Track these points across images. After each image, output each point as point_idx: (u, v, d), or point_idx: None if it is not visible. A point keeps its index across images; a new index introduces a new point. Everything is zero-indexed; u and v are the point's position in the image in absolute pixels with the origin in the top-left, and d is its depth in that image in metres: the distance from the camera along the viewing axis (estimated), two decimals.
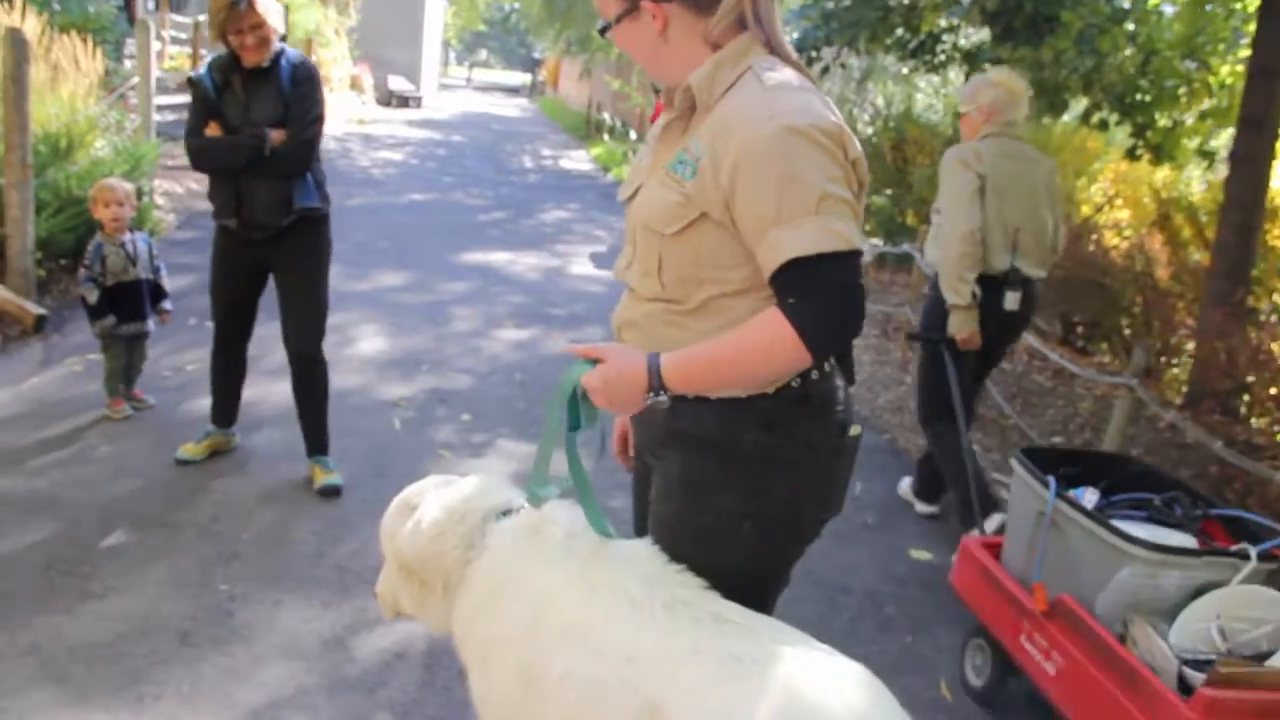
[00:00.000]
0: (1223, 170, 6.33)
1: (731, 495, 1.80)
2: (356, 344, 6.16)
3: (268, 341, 4.60)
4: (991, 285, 3.95)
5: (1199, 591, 2.59)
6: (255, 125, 3.79)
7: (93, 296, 4.52)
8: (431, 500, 2.11)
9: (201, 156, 3.89)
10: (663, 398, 1.70)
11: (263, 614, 3.25)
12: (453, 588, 2.06)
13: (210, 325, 4.28)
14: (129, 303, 4.64)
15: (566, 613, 1.81)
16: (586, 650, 1.75)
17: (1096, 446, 5.33)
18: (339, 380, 5.55)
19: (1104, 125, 7.33)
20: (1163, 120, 7.08)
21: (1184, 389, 5.85)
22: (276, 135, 3.80)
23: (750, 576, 1.87)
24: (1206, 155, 7.04)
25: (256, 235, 3.93)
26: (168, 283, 4.81)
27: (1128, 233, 8.05)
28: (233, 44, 3.73)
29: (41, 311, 5.70)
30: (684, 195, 1.71)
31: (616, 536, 1.92)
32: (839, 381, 1.85)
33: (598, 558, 1.87)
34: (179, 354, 5.56)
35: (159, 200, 9.07)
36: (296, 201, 3.86)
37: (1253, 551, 2.64)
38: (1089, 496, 2.95)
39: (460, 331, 6.81)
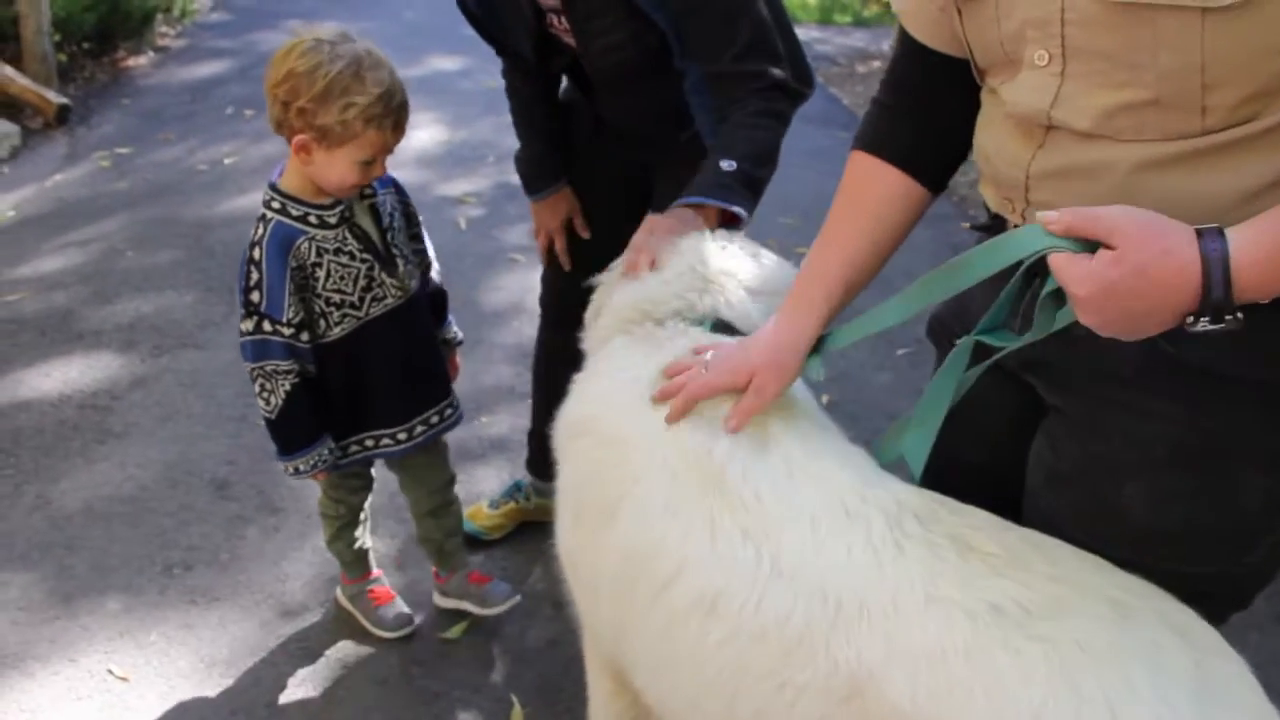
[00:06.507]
0: None
1: (1277, 473, 1.06)
2: (411, 134, 5.42)
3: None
4: None
5: None
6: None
7: (274, 393, 1.80)
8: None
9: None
10: (1225, 320, 0.90)
11: None
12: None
13: None
14: (387, 369, 1.94)
15: (730, 488, 1.17)
16: (757, 559, 1.13)
17: None
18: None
19: None
20: None
21: None
22: None
23: (1243, 586, 1.17)
24: None
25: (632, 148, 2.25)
26: (437, 272, 2.19)
27: None
28: None
29: (64, 101, 5.21)
30: None
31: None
32: None
33: (799, 420, 1.26)
34: (214, 146, 4.96)
35: None
36: None
37: None
38: None
39: None
